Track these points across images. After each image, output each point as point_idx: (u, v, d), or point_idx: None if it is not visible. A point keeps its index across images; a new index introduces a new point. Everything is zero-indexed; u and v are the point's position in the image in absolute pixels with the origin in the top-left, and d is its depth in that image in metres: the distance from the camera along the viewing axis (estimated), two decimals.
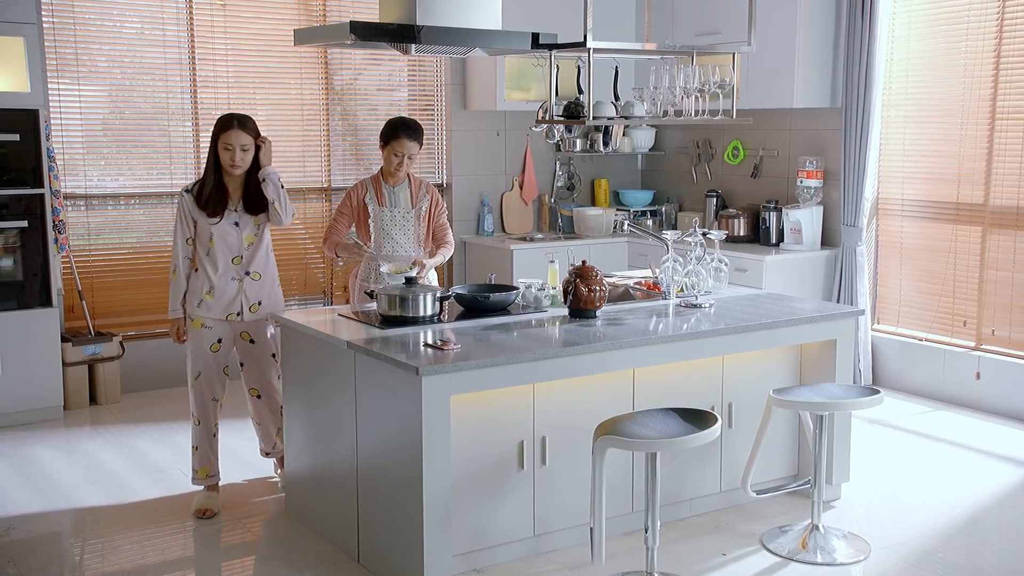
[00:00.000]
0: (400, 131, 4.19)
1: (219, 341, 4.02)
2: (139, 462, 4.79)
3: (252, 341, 4.07)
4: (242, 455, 4.87)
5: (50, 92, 5.59)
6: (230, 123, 3.91)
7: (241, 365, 4.13)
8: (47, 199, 5.32)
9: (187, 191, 3.97)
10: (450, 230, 4.48)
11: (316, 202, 6.41)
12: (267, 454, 4.30)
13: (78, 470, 4.68)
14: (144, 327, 6.05)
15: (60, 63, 5.63)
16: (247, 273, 4.01)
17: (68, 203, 5.72)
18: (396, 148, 4.20)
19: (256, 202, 3.97)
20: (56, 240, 5.39)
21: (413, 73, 6.71)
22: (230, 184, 3.96)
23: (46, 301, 5.40)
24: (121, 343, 5.78)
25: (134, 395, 5.90)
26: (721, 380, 3.95)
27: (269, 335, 4.11)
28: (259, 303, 4.03)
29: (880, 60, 5.74)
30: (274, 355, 4.12)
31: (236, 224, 3.96)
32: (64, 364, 5.53)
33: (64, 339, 5.59)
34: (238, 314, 4.00)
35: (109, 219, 5.92)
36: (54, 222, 5.37)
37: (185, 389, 6.04)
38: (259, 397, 4.16)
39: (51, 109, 5.59)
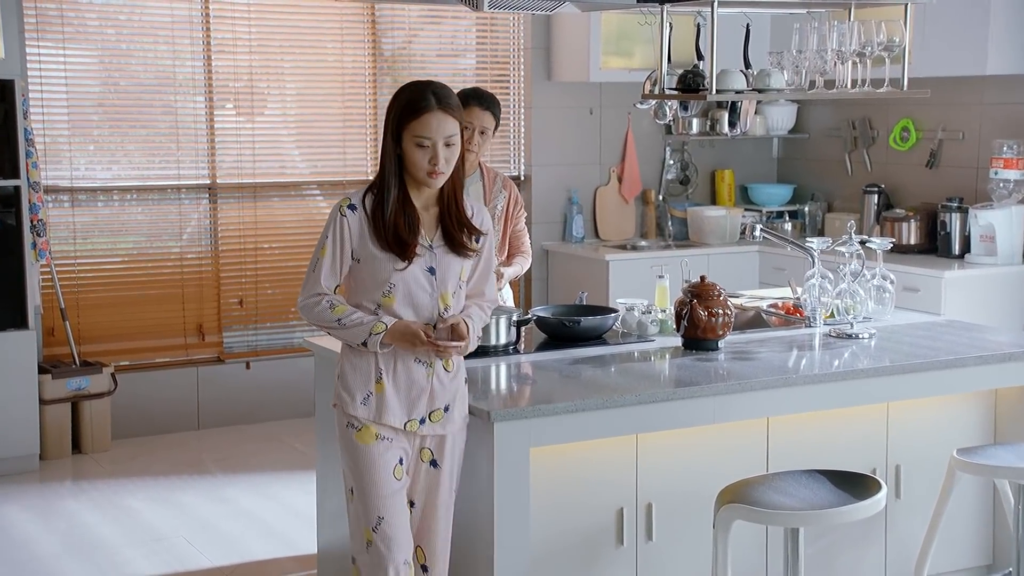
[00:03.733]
0: (471, 99, 4.19)
1: (401, 462, 3.17)
2: (133, 528, 4.88)
3: (434, 464, 3.22)
4: (264, 519, 4.96)
5: (28, 58, 5.75)
6: (425, 100, 3.07)
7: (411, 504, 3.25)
8: (24, 193, 5.47)
9: (352, 207, 3.13)
10: (528, 236, 4.52)
11: None
12: None
13: (56, 537, 4.79)
14: (141, 355, 6.17)
15: (40, 22, 5.81)
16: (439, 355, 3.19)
17: (49, 198, 5.86)
18: (466, 119, 4.04)
19: (462, 232, 3.19)
20: (34, 245, 5.52)
21: (483, 34, 6.77)
22: (419, 202, 3.17)
23: (20, 321, 5.54)
24: (112, 376, 5.89)
25: (127, 441, 6.01)
26: (885, 435, 3.91)
27: (452, 472, 3.26)
28: (446, 408, 3.20)
29: None
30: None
31: (431, 271, 3.18)
32: (41, 401, 5.65)
33: (42, 370, 5.70)
34: (422, 421, 3.18)
35: (100, 219, 6.06)
36: (32, 222, 5.51)
37: (193, 436, 6.18)
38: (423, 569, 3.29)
39: (29, 80, 5.74)
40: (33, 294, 5.55)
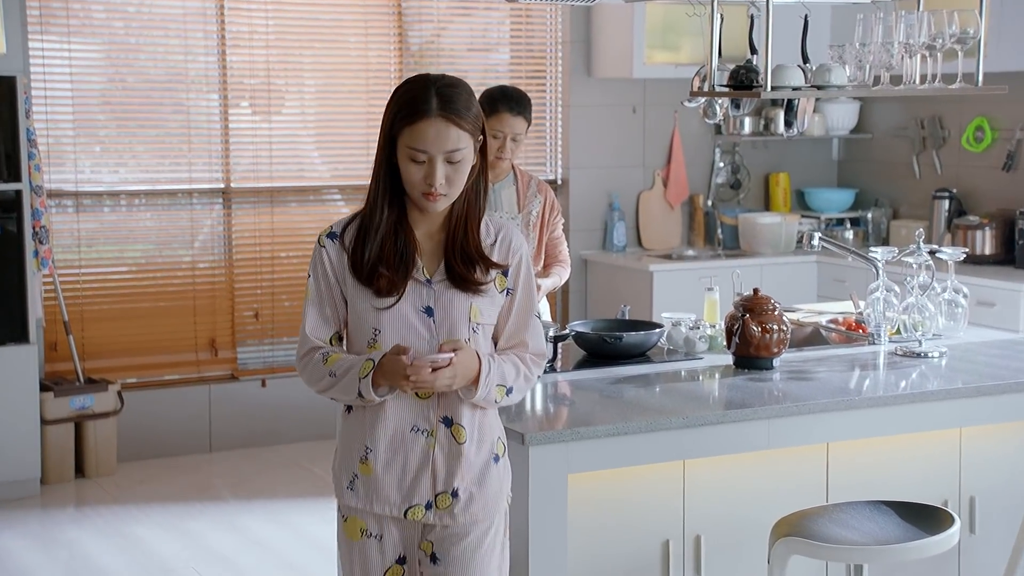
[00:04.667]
0: (500, 103, 4.18)
1: (402, 561, 2.77)
2: (140, 558, 4.89)
3: (434, 560, 2.75)
4: (280, 550, 4.95)
5: (31, 54, 5.79)
6: (424, 103, 2.63)
7: None
8: (26, 198, 5.50)
9: (332, 235, 2.76)
10: (566, 244, 4.50)
11: None
12: None
13: (57, 568, 4.80)
14: (149, 372, 6.20)
15: (44, 14, 5.85)
16: (446, 421, 2.73)
17: (53, 203, 5.89)
18: (495, 126, 4.15)
19: (473, 264, 2.73)
20: (37, 253, 5.55)
21: (517, 27, 6.78)
22: (420, 227, 2.75)
23: (21, 335, 5.57)
24: (119, 394, 5.91)
25: (134, 465, 6.03)
26: (958, 464, 3.87)
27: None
28: (454, 493, 2.72)
29: None
30: None
31: (428, 312, 2.72)
32: (43, 421, 5.67)
33: (44, 387, 5.73)
34: (428, 506, 2.72)
35: (106, 225, 6.09)
36: (34, 228, 5.54)
37: (204, 459, 6.18)
38: None
39: (32, 77, 5.78)
40: (35, 306, 5.56)
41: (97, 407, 5.80)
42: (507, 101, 4.19)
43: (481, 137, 2.70)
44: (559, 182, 6.84)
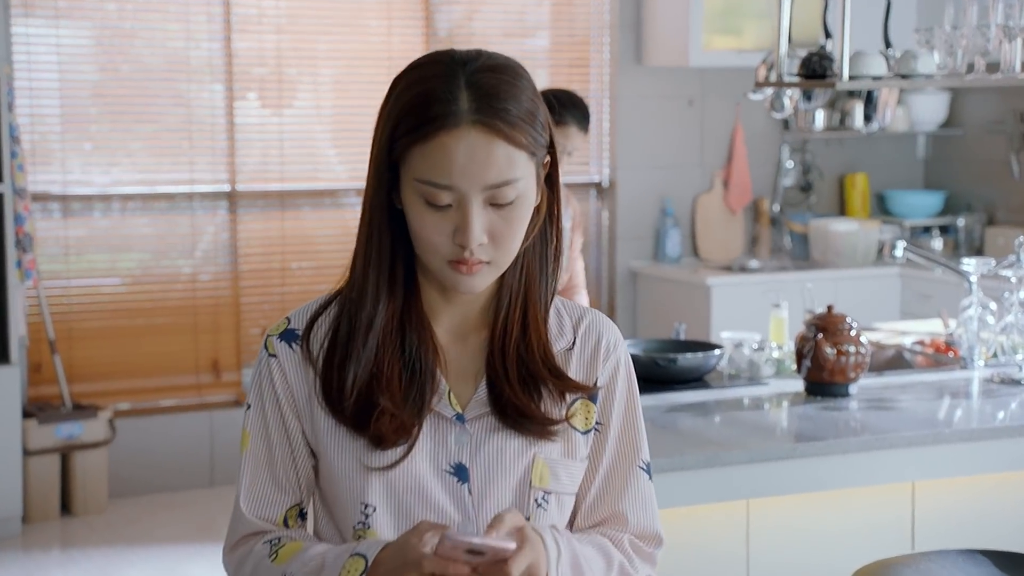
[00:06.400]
0: (567, 113, 4.09)
1: None
2: None
3: None
4: None
5: (13, 40, 5.82)
6: (447, 101, 1.76)
7: None
8: (7, 201, 5.53)
9: (290, 337, 1.91)
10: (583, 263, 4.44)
11: None
12: None
13: None
14: (145, 397, 6.21)
15: None
16: None
17: (38, 207, 5.92)
18: (559, 140, 3.92)
19: (538, 385, 1.89)
20: (19, 263, 5.57)
21: (558, 8, 6.78)
22: (443, 320, 1.91)
23: (2, 355, 5.60)
24: (110, 422, 5.91)
25: (126, 501, 6.03)
26: None
27: None
28: None
29: None
30: None
31: (459, 474, 1.87)
32: (26, 452, 5.68)
33: (27, 413, 5.74)
34: None
35: (97, 232, 6.11)
36: (17, 235, 5.56)
37: (204, 495, 6.18)
38: None
39: (15, 65, 5.81)
40: (17, 322, 5.58)
41: (86, 436, 5.80)
42: (575, 111, 4.10)
43: (548, 158, 1.84)
44: (605, 185, 6.84)
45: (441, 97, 1.74)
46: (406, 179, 1.77)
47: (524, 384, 1.85)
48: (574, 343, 1.91)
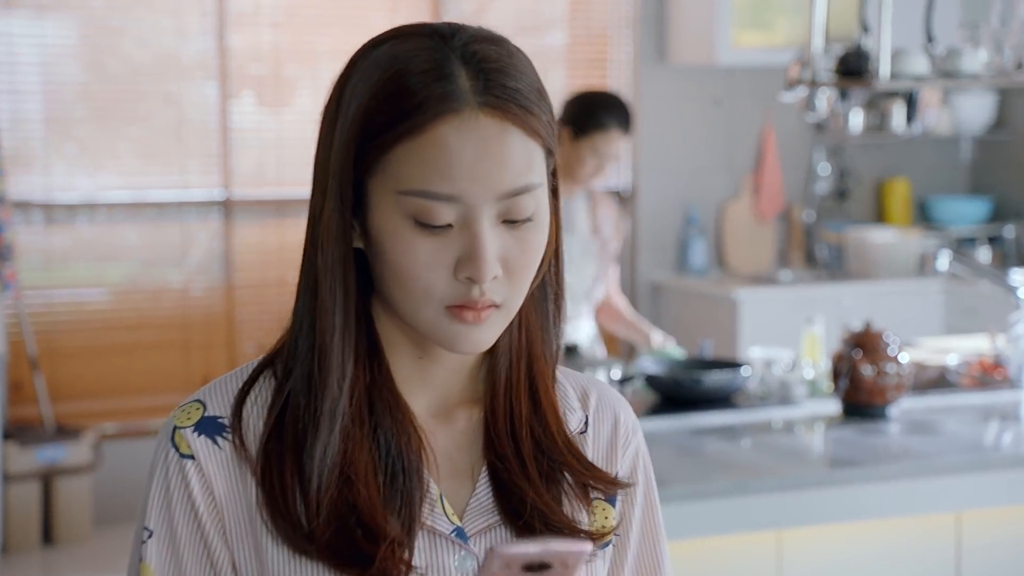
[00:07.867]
0: (608, 116, 4.12)
1: None
2: None
3: None
4: None
5: None
6: (443, 80, 1.39)
7: None
8: None
9: (211, 428, 1.46)
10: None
11: None
12: None
13: None
14: (132, 419, 6.19)
15: None
16: None
17: (18, 214, 5.89)
18: (601, 147, 4.10)
19: (559, 479, 1.53)
20: None
21: (577, 1, 6.79)
22: (424, 392, 1.49)
23: None
24: (96, 445, 5.89)
25: (112, 529, 5.98)
26: None
27: None
28: None
29: None
30: None
31: None
32: (5, 477, 5.66)
33: (7, 435, 5.74)
34: None
35: (82, 242, 6.10)
36: None
37: None
38: None
39: None
40: None
41: (69, 460, 5.78)
42: (617, 114, 4.15)
43: (553, 157, 1.42)
44: (625, 192, 6.83)
45: (432, 74, 1.31)
46: (382, 195, 1.33)
47: (546, 479, 1.41)
48: (587, 424, 1.49)
